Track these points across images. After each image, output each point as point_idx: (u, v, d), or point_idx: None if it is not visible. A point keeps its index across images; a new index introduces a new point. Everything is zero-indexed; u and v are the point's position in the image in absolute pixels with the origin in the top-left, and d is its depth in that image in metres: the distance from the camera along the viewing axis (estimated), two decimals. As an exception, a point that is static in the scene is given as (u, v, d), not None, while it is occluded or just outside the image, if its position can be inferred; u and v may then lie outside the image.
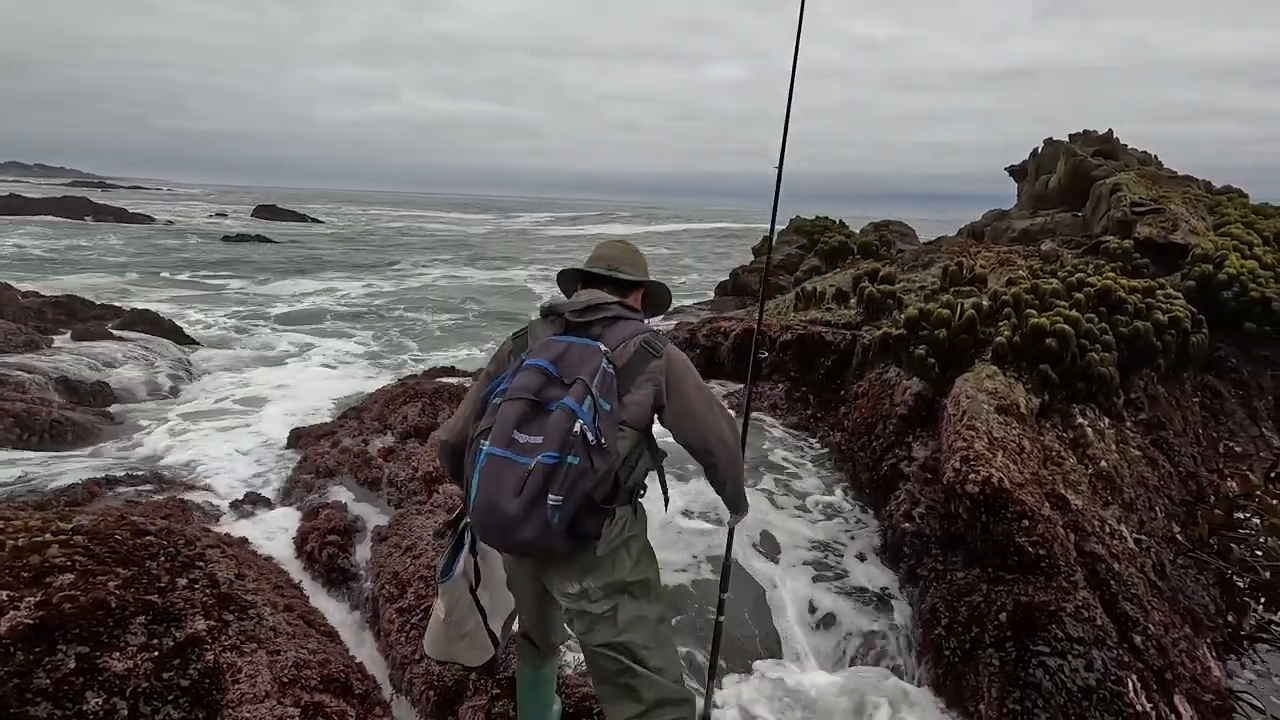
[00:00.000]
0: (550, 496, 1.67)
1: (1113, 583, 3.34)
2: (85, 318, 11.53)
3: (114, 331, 10.51)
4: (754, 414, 6.47)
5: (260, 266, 27.16)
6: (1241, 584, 4.01)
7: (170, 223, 44.89)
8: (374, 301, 20.48)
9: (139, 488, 4.91)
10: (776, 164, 2.84)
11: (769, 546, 4.30)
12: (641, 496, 2.03)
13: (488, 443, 1.75)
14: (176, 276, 23.56)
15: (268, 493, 5.22)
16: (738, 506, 2.25)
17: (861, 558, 4.23)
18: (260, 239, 37.75)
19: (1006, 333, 4.97)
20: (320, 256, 32.50)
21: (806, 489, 5.15)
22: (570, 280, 2.17)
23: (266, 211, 57.45)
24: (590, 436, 1.70)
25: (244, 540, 3.94)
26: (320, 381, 10.47)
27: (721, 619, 2.64)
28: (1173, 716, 2.89)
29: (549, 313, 1.98)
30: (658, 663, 1.96)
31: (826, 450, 5.63)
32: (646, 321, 2.09)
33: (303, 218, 56.91)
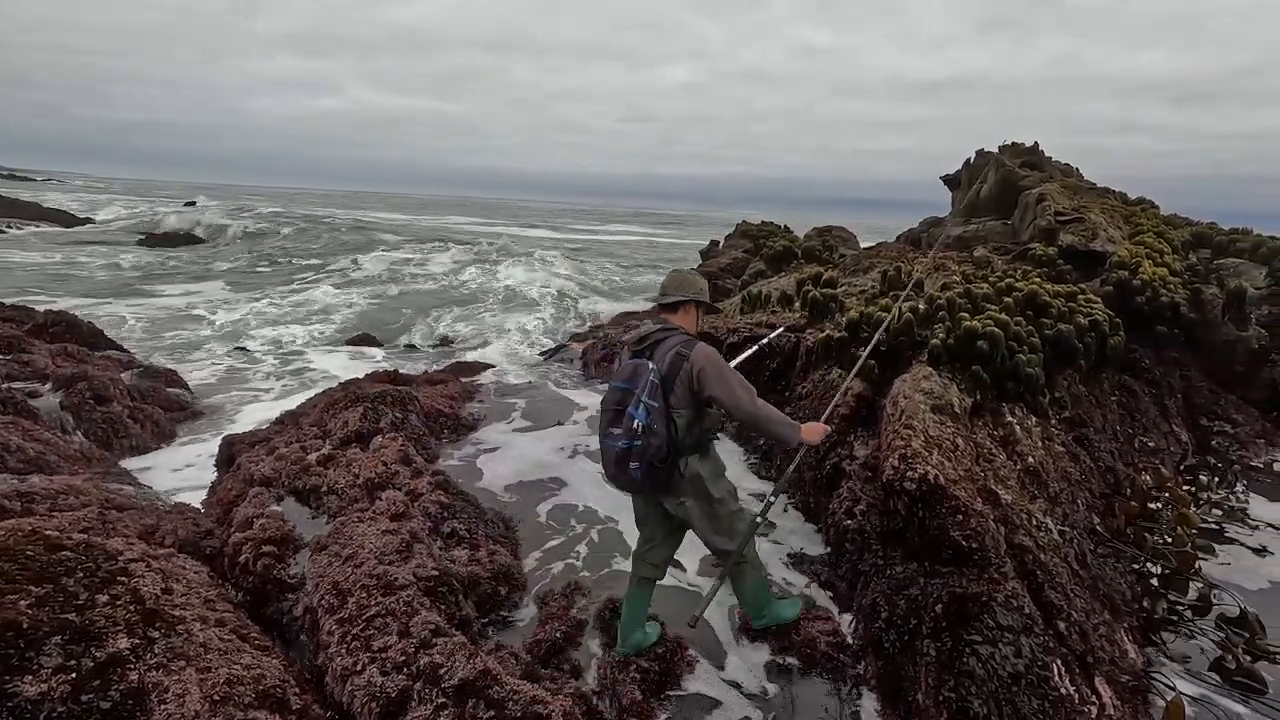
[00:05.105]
0: (631, 464, 2.83)
1: (1039, 572, 3.50)
2: (-6, 320, 10.74)
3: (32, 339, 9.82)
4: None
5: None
6: (1154, 570, 4.27)
7: (105, 220, 41.58)
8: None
9: (56, 500, 4.60)
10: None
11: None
12: (717, 440, 3.11)
13: (599, 435, 2.99)
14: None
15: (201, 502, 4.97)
16: (781, 439, 2.95)
17: (805, 555, 4.32)
18: (192, 240, 36.00)
19: (941, 335, 5.17)
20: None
21: (753, 487, 5.23)
22: (655, 307, 3.29)
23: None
24: (641, 428, 2.79)
25: (172, 552, 3.75)
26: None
27: (759, 520, 3.10)
28: (1094, 697, 3.06)
29: (625, 345, 3.10)
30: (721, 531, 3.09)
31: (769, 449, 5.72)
32: (693, 325, 3.16)
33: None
